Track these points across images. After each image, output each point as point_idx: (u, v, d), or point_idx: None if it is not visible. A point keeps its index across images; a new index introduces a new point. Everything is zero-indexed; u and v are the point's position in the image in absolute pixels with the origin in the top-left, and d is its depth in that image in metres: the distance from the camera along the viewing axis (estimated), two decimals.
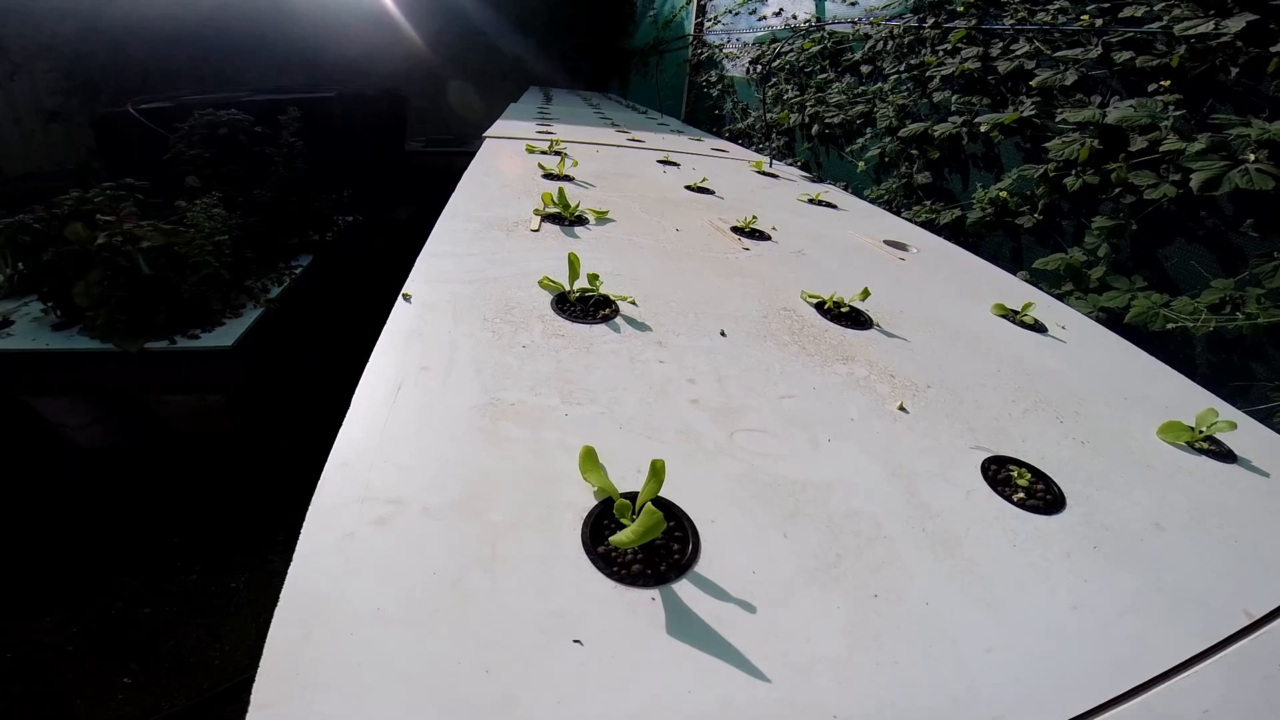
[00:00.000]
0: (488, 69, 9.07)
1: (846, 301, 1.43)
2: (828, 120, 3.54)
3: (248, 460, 3.57)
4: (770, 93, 4.28)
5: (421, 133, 7.80)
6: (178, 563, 2.97)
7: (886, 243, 2.19)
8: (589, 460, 0.77)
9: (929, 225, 2.69)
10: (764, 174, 3.15)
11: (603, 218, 1.81)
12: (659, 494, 0.73)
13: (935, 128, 2.76)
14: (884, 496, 0.86)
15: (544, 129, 3.86)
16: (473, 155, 2.76)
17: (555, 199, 1.76)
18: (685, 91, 6.13)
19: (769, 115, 4.21)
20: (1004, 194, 2.44)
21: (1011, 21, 2.49)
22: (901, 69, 3.01)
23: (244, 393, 3.56)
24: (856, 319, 1.42)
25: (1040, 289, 2.01)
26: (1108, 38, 2.22)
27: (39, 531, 3.09)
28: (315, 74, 8.14)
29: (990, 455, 0.99)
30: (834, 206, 2.62)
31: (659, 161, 3.01)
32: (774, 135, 4.15)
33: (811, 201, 2.62)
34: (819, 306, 1.44)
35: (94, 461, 3.46)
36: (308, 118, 5.09)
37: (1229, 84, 1.96)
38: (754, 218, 1.96)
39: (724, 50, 5.33)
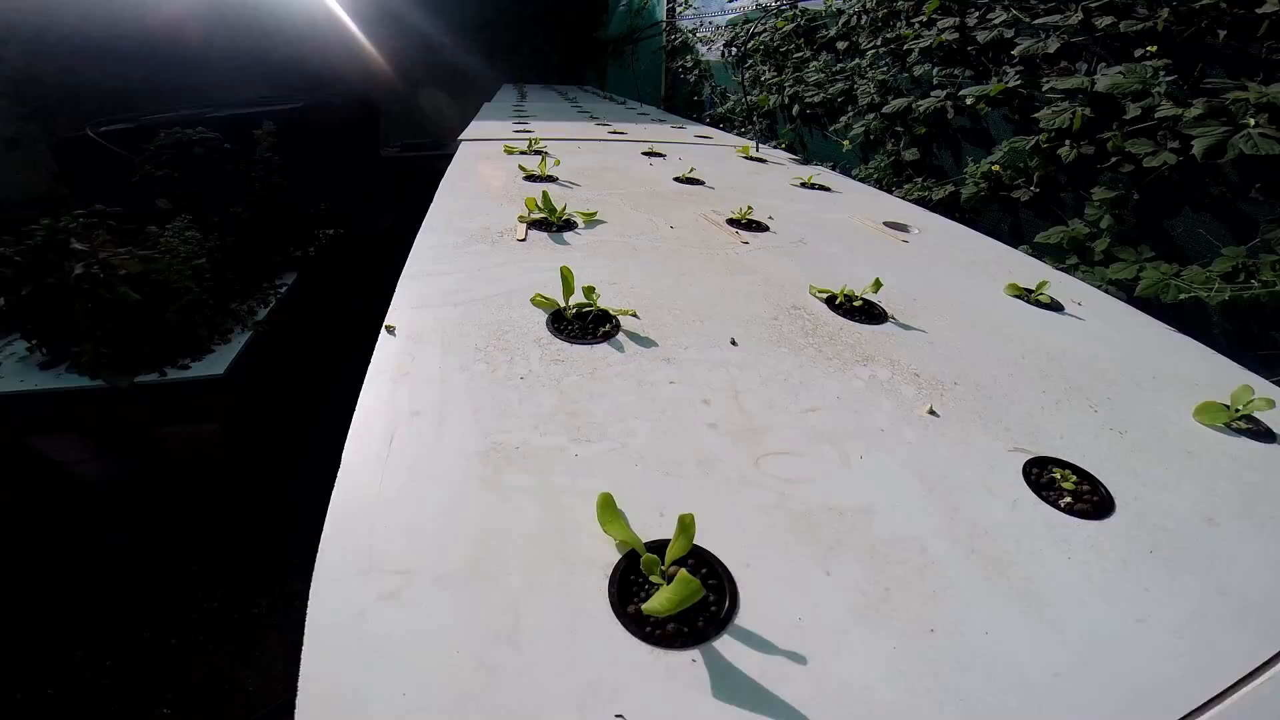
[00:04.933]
0: (458, 69, 8.88)
1: (858, 294, 1.37)
2: (808, 100, 3.46)
3: (249, 485, 3.49)
4: (748, 75, 4.19)
5: (395, 138, 7.65)
6: (199, 590, 2.94)
7: (887, 224, 2.13)
8: (607, 510, 0.71)
9: (922, 203, 2.63)
10: (752, 159, 3.07)
11: (592, 219, 1.73)
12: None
13: (918, 103, 2.69)
14: (927, 516, 0.80)
15: (521, 128, 3.77)
16: (450, 158, 2.67)
17: (540, 203, 1.68)
18: (663, 79, 6.02)
19: (749, 98, 4.12)
20: (996, 168, 2.38)
21: None
22: (878, 44, 2.93)
23: (239, 419, 3.48)
24: (870, 313, 1.35)
25: (1046, 263, 1.96)
26: (1087, 2, 2.16)
27: (57, 566, 3.04)
28: (277, 84, 7.95)
29: (1030, 457, 0.93)
30: (827, 189, 2.55)
31: (644, 154, 2.93)
32: (756, 118, 4.06)
33: (804, 185, 2.56)
34: (830, 301, 1.38)
35: (102, 495, 3.37)
36: (276, 130, 4.95)
37: (1218, 47, 1.90)
38: (750, 208, 1.89)
39: (697, 35, 5.22)
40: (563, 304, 1.17)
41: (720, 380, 1.02)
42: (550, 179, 2.21)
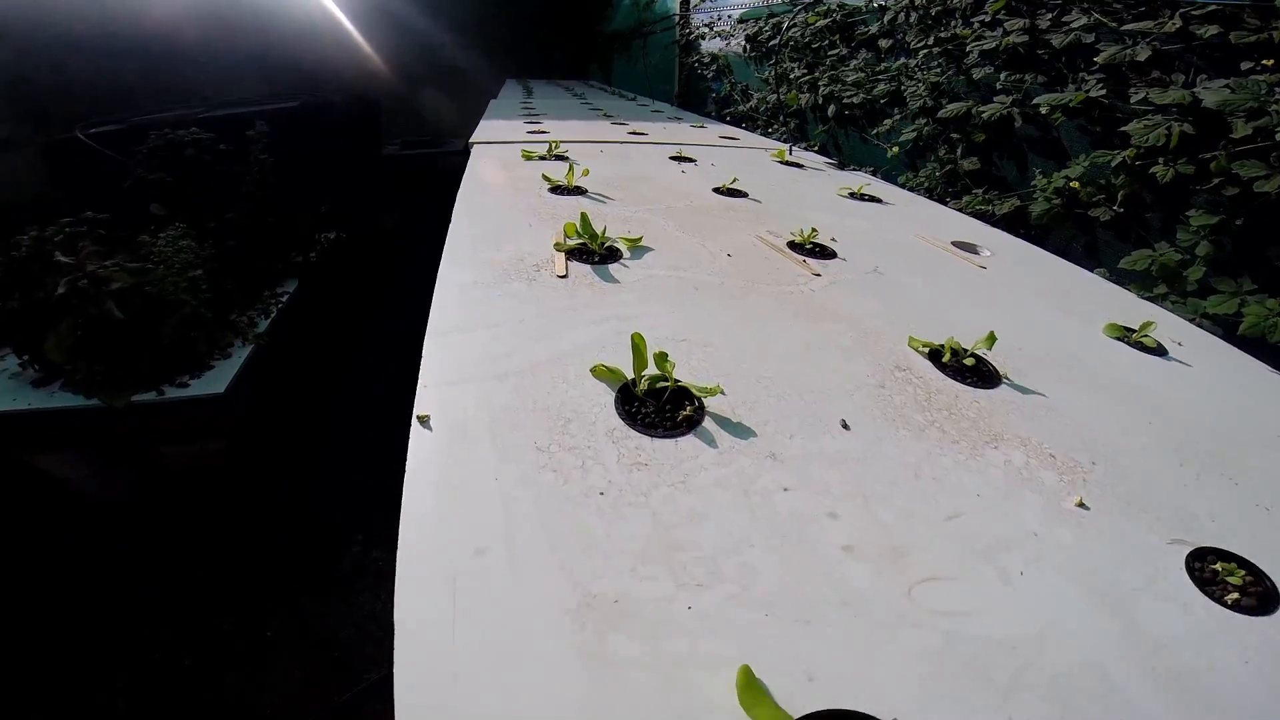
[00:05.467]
0: (458, 66, 8.62)
1: (967, 349, 1.15)
2: (846, 100, 3.21)
3: (258, 502, 3.31)
4: (772, 72, 3.94)
5: (396, 135, 7.41)
6: (209, 611, 2.78)
7: (955, 245, 1.92)
8: (750, 688, 0.54)
9: (981, 216, 2.41)
10: (787, 164, 2.85)
11: (637, 246, 1.51)
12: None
13: (979, 108, 2.46)
14: (1102, 635, 0.66)
15: (534, 128, 3.54)
16: (452, 155, 2.44)
17: (579, 228, 1.46)
18: (676, 75, 5.76)
19: (776, 96, 3.88)
20: (1075, 184, 2.15)
21: None
22: (930, 43, 2.68)
23: (244, 436, 3.29)
24: (982, 372, 1.14)
25: (1131, 291, 1.75)
26: (1186, 9, 1.92)
27: (67, 585, 2.88)
28: (275, 83, 7.69)
29: (1190, 549, 0.80)
30: (879, 200, 2.34)
31: (673, 159, 2.71)
32: (783, 118, 3.82)
33: (853, 196, 2.34)
34: (935, 357, 1.17)
35: (107, 513, 3.17)
36: (273, 130, 4.73)
37: None
38: (813, 231, 1.67)
39: (715, 28, 4.96)
40: (630, 375, 0.95)
41: (842, 482, 0.81)
42: (578, 190, 1.98)
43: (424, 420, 0.83)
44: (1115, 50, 2.00)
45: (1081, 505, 0.84)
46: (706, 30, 5.11)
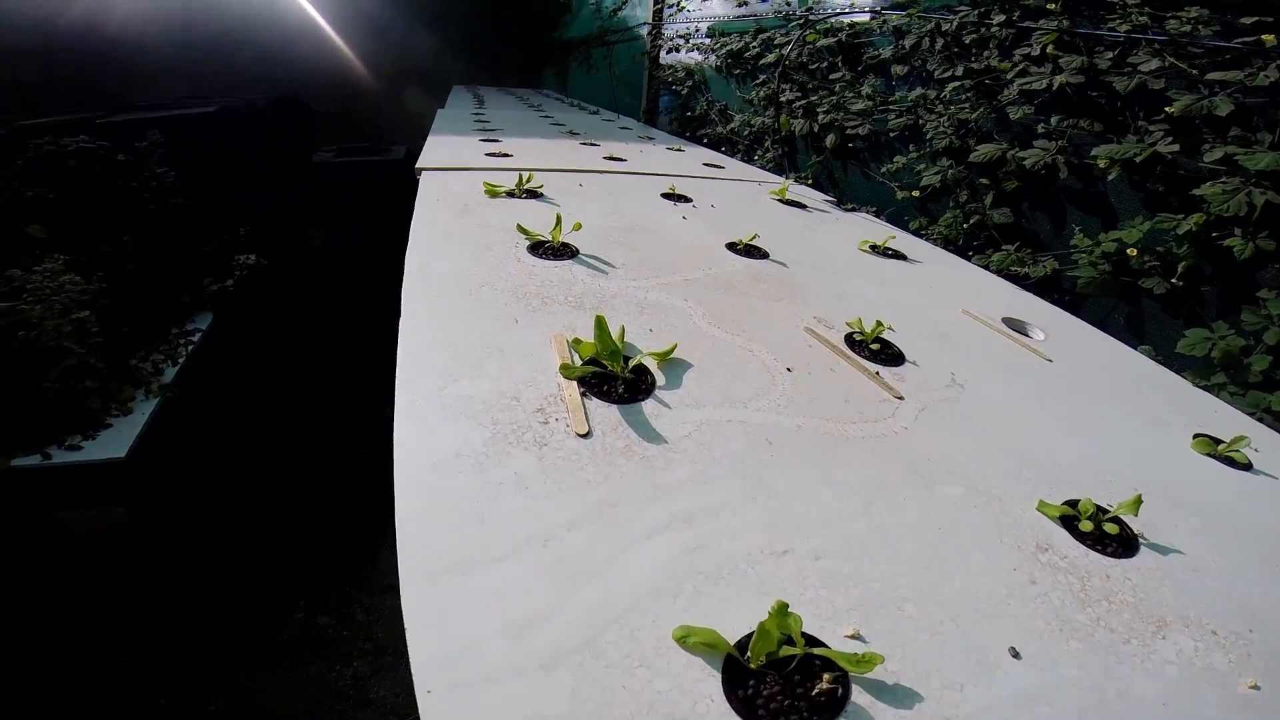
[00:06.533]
0: (402, 68, 7.99)
1: (1107, 510, 0.93)
2: (850, 131, 2.89)
3: (178, 567, 2.84)
4: (758, 93, 3.61)
5: (330, 141, 6.75)
6: (136, 688, 2.35)
7: (1006, 323, 1.64)
8: None
9: (1012, 277, 2.12)
10: (788, 203, 2.50)
11: (668, 359, 1.10)
12: None
13: (1017, 153, 2.17)
14: None
15: (492, 148, 3.08)
16: (393, 163, 1.97)
17: (599, 347, 1.02)
18: (645, 89, 5.37)
19: (760, 120, 3.55)
20: (1133, 251, 1.87)
21: (1126, 27, 1.91)
22: (959, 74, 2.38)
23: (152, 501, 2.81)
24: (1123, 538, 0.92)
25: (1187, 379, 1.51)
26: None
27: None
28: (198, 84, 6.89)
29: None
30: (904, 257, 2.02)
31: (665, 196, 2.31)
32: (770, 144, 3.49)
33: (875, 250, 2.02)
34: (1069, 524, 0.92)
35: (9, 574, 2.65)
36: (185, 139, 4.10)
37: None
38: (880, 325, 1.31)
39: (691, 41, 4.60)
40: (732, 635, 0.56)
41: None
42: (568, 252, 1.56)
43: None
44: (1191, 101, 1.73)
45: (1255, 688, 0.73)
46: (681, 42, 4.75)
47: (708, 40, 4.39)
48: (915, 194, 2.52)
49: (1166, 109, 1.83)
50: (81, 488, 2.52)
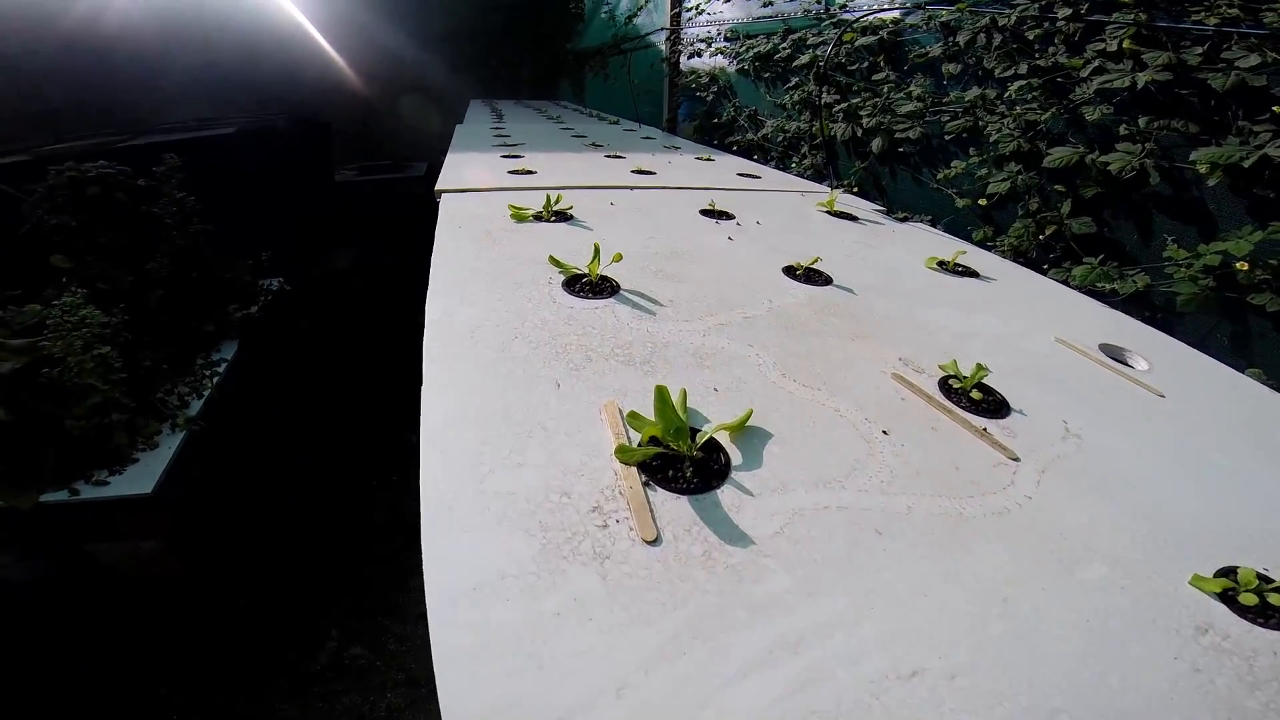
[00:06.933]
0: (420, 85, 7.95)
1: (1270, 580, 0.78)
2: (900, 135, 2.68)
3: (209, 597, 2.83)
4: (791, 97, 3.41)
5: (351, 160, 6.72)
6: (174, 718, 2.34)
7: (1104, 350, 1.45)
8: None
9: (1097, 294, 1.91)
10: (837, 215, 2.32)
11: (742, 431, 0.93)
12: None
13: (1099, 158, 1.95)
14: None
15: (515, 164, 2.94)
16: (414, 180, 1.83)
17: (662, 424, 0.85)
18: (665, 96, 5.20)
19: (795, 125, 3.35)
20: (1243, 265, 1.64)
21: (1214, 20, 1.69)
22: (1023, 71, 2.16)
23: (185, 533, 2.78)
24: None
25: None
26: None
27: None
28: (220, 104, 6.90)
29: None
30: (976, 274, 1.82)
31: (705, 214, 2.14)
32: (807, 150, 3.29)
33: (944, 267, 1.82)
34: (1228, 598, 0.77)
35: (34, 600, 2.67)
36: (203, 162, 4.04)
37: None
38: (981, 370, 1.11)
39: (714, 45, 4.41)
40: None
41: None
42: (608, 288, 1.39)
43: None
44: None
45: None
46: (703, 47, 4.57)
47: (731, 44, 4.20)
48: (982, 202, 2.30)
49: (1274, 108, 1.61)
50: (110, 523, 2.49)
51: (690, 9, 4.72)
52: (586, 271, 1.41)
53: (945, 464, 0.93)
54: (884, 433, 0.97)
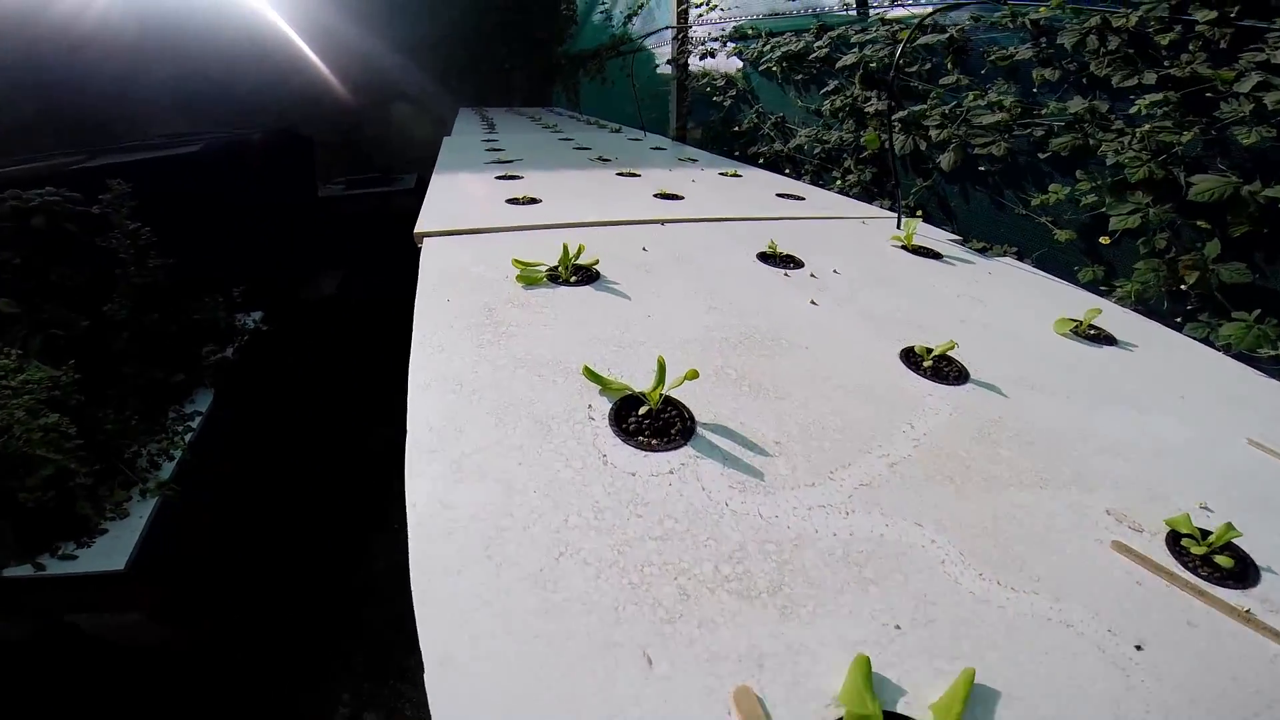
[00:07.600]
0: (407, 93, 7.52)
1: None
2: (982, 149, 2.25)
3: (207, 665, 2.64)
4: (830, 103, 2.99)
5: (337, 174, 6.30)
6: None
7: None
8: None
9: (1252, 360, 1.51)
10: (916, 252, 1.92)
11: (963, 707, 0.52)
12: None
13: (1262, 191, 1.54)
14: None
15: (513, 187, 2.53)
16: (404, 194, 1.42)
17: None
18: (675, 101, 4.76)
19: (837, 135, 2.92)
20: None
21: None
22: (1150, 82, 1.74)
23: (168, 605, 2.52)
24: None
25: None
26: None
27: None
28: (197, 117, 6.45)
29: None
30: (1114, 341, 1.43)
31: (765, 259, 1.73)
32: (853, 165, 2.87)
33: (1077, 333, 1.43)
34: None
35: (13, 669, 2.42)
36: (168, 185, 3.64)
37: None
38: (1230, 529, 0.78)
39: (732, 45, 3.97)
40: None
41: None
42: (682, 425, 0.97)
43: None
44: None
45: None
46: (716, 46, 4.13)
47: (752, 44, 3.76)
48: (1104, 240, 1.88)
49: None
50: (85, 597, 2.27)
51: (700, 5, 4.29)
52: (645, 397, 0.99)
53: (1220, 677, 0.55)
54: (1137, 648, 0.58)
